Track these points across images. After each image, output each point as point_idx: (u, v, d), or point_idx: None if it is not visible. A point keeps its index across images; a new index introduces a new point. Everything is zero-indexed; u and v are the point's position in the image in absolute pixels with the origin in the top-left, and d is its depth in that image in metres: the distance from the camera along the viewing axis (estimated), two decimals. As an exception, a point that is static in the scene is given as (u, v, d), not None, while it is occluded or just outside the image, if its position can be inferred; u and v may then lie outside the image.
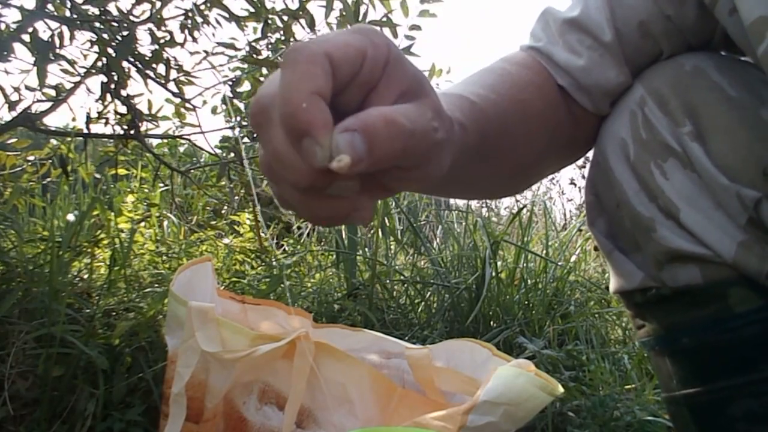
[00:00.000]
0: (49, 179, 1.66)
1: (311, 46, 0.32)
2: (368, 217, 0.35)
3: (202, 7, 1.41)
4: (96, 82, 1.48)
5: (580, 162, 3.23)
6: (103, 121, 1.49)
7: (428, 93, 0.37)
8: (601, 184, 0.65)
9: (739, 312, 0.57)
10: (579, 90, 0.63)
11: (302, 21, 1.48)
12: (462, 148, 0.45)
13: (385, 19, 1.47)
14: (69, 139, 1.60)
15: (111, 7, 1.30)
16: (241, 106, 1.66)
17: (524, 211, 2.08)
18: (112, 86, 1.39)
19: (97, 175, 1.85)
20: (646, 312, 0.65)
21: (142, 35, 1.45)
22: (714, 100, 0.58)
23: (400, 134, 0.32)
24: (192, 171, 1.98)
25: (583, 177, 3.20)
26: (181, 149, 2.29)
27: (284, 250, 1.93)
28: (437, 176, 0.38)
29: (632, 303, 0.66)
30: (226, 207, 2.03)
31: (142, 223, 1.69)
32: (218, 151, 1.85)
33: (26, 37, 1.18)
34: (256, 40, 1.54)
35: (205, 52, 1.54)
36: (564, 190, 3.60)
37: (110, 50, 1.29)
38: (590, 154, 0.70)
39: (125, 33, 1.29)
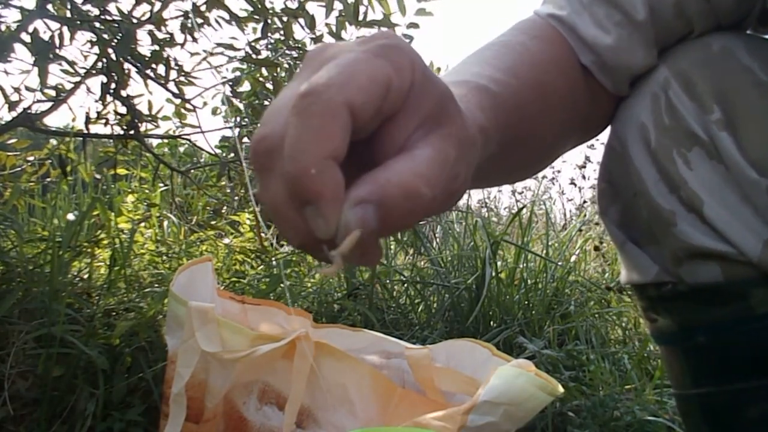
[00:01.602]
0: (48, 179, 1.67)
1: (330, 93, 0.27)
2: (375, 260, 0.30)
3: (202, 8, 1.42)
4: (96, 82, 1.48)
5: (580, 162, 3.23)
6: (103, 121, 1.49)
7: (452, 117, 0.32)
8: (616, 172, 0.61)
9: (760, 313, 0.54)
10: (602, 69, 0.59)
11: (301, 21, 1.48)
12: (482, 155, 0.41)
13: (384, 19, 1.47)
14: (69, 139, 1.60)
15: (111, 8, 1.30)
16: (241, 106, 1.66)
17: (524, 211, 2.08)
18: (112, 86, 1.39)
19: (97, 175, 1.85)
20: (659, 307, 0.61)
21: (142, 35, 1.45)
22: (745, 86, 0.54)
23: (420, 206, 0.28)
24: (192, 171, 1.98)
25: (584, 177, 3.20)
26: (181, 149, 2.29)
27: (284, 249, 1.93)
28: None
29: (645, 296, 0.62)
30: (226, 207, 2.03)
31: (142, 223, 1.69)
32: (218, 151, 1.86)
33: (26, 37, 1.18)
34: (256, 40, 1.54)
35: (205, 52, 1.55)
36: (564, 190, 3.59)
37: (110, 51, 1.29)
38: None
39: (124, 33, 1.29)
